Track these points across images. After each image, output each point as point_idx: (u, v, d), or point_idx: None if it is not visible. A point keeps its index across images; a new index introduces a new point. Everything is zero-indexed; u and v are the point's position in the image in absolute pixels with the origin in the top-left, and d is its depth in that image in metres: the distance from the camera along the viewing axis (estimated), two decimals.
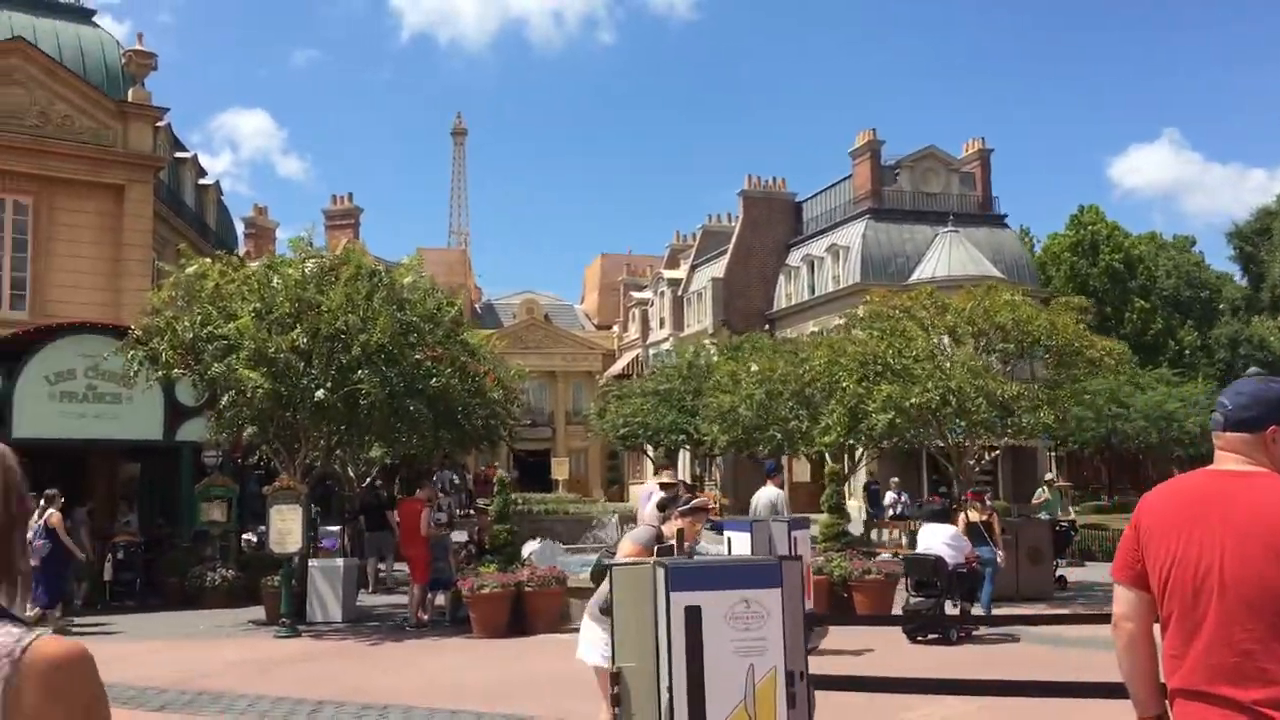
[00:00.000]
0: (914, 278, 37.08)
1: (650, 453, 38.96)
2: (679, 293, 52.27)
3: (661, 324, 53.76)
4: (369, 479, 21.83)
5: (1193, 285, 61.87)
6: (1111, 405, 38.41)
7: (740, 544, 5.94)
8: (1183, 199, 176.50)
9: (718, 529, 8.21)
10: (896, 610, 13.33)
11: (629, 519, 22.49)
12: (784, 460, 39.38)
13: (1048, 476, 22.27)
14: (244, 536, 18.97)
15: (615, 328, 62.91)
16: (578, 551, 20.63)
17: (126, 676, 10.24)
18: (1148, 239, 63.39)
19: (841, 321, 36.71)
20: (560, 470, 45.56)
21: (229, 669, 11.15)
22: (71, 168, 23.34)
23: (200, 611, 15.97)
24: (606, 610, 6.55)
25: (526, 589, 13.56)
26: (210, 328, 14.69)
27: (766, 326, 43.90)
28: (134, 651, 12.22)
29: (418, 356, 15.48)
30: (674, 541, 6.30)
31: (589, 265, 73.30)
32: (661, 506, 7.25)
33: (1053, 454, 43.14)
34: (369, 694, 9.66)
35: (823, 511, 17.94)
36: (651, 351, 53.01)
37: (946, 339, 18.08)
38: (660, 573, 2.86)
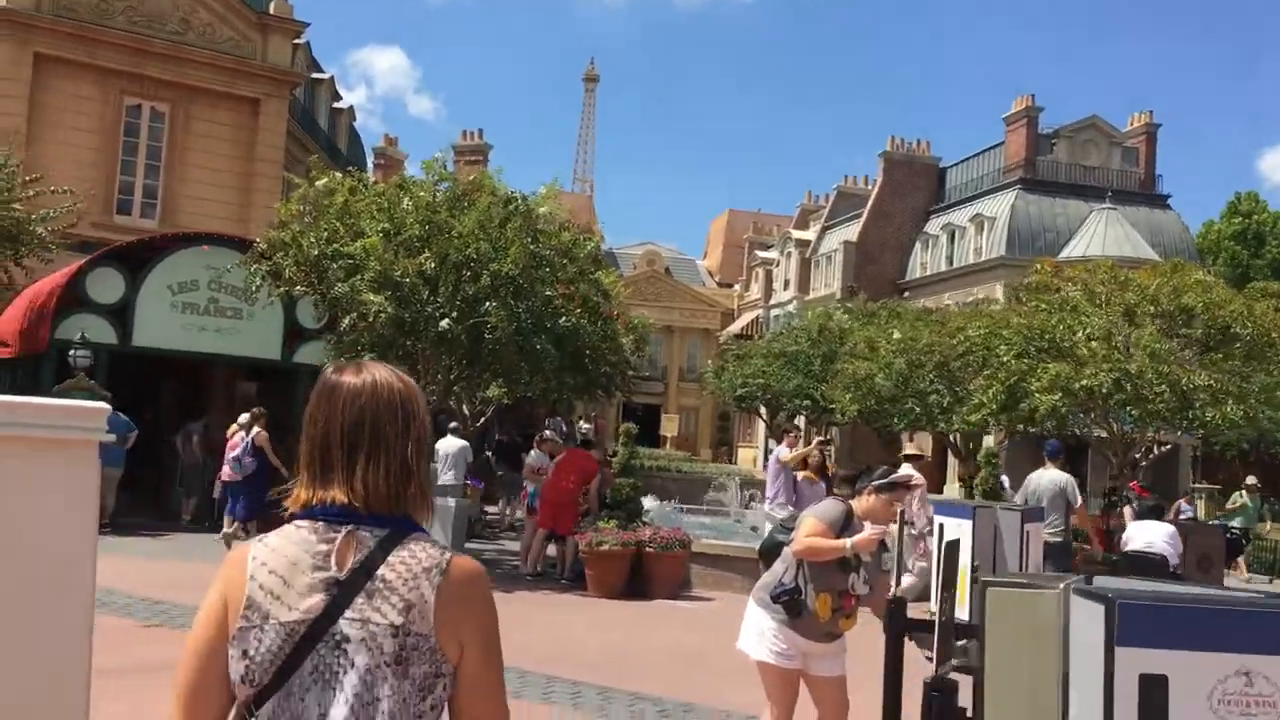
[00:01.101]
0: (1063, 255, 34.70)
1: (764, 415, 37.59)
2: (807, 254, 50.42)
3: (786, 285, 52.02)
4: (484, 418, 21.05)
5: None
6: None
7: (955, 535, 4.61)
8: None
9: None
10: None
11: (751, 484, 21.32)
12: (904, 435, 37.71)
13: (1249, 481, 20.02)
14: None
15: (737, 286, 61.37)
16: (693, 512, 19.61)
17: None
18: None
19: (982, 295, 34.69)
20: (670, 427, 44.63)
21: None
22: (209, 77, 22.94)
23: None
24: (778, 597, 5.39)
25: (647, 550, 12.56)
26: (336, 245, 13.87)
27: (905, 294, 41.75)
28: None
29: (548, 293, 14.46)
30: (884, 524, 5.11)
31: (715, 220, 71.83)
32: (851, 480, 6.04)
33: (1191, 454, 40.35)
34: None
35: (972, 494, 16.50)
36: (774, 313, 51.38)
37: (1122, 319, 16.33)
38: (1092, 609, 1.56)
